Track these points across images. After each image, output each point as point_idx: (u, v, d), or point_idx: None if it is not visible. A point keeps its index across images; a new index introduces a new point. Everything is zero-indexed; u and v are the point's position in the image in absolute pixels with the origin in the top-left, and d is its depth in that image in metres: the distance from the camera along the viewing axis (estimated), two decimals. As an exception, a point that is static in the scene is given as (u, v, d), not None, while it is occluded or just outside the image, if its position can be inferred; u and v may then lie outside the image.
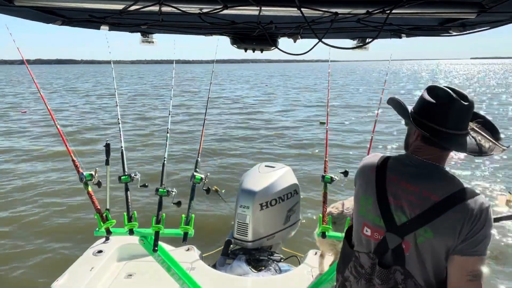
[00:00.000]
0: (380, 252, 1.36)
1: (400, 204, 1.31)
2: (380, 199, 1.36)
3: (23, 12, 1.46)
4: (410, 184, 1.31)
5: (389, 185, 1.36)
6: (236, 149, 10.74)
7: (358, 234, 1.46)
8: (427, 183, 1.28)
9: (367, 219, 1.41)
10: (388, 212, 1.33)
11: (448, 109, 1.29)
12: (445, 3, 1.29)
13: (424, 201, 1.26)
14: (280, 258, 3.25)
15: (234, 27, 1.81)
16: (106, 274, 2.90)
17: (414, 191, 1.29)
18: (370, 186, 1.41)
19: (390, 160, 1.43)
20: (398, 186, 1.33)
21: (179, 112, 17.79)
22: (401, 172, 1.36)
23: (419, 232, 1.26)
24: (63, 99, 25.19)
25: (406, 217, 1.29)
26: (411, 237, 1.28)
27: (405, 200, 1.30)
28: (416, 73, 54.18)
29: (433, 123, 1.30)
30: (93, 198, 2.28)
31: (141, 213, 5.49)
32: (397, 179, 1.35)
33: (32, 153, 10.31)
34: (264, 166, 3.42)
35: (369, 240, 1.40)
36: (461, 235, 1.21)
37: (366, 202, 1.42)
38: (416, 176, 1.31)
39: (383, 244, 1.35)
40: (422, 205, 1.26)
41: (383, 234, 1.34)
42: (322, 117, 14.84)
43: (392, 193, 1.34)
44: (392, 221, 1.32)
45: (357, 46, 2.12)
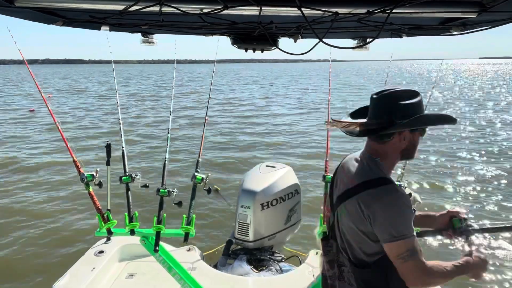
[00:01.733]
0: (328, 228, 1.67)
1: (338, 187, 1.58)
2: (331, 183, 1.67)
3: (24, 12, 1.46)
4: (347, 172, 1.53)
5: (338, 172, 1.63)
6: (237, 149, 10.74)
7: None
8: (353, 171, 1.49)
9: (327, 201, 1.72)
10: (331, 194, 1.63)
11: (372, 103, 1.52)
12: (445, 2, 1.29)
13: (346, 184, 1.48)
14: (281, 258, 3.25)
15: (234, 27, 1.81)
16: (107, 274, 2.90)
17: (345, 176, 1.53)
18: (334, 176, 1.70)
19: (354, 153, 1.63)
20: (341, 173, 1.59)
21: (180, 112, 17.81)
22: (347, 162, 1.58)
23: (339, 210, 1.50)
24: (67, 99, 25.22)
25: (335, 196, 1.56)
26: (336, 214, 1.54)
27: (339, 183, 1.56)
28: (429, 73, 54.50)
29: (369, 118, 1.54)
30: (94, 198, 2.28)
31: (142, 214, 5.49)
32: (343, 167, 1.60)
33: (33, 153, 10.33)
34: (265, 166, 3.42)
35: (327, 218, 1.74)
36: (373, 222, 1.35)
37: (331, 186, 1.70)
38: (353, 166, 1.52)
39: (328, 221, 1.66)
40: (343, 188, 1.49)
41: (330, 211, 1.63)
42: (324, 117, 14.85)
43: (336, 178, 1.62)
44: (332, 201, 1.60)
45: (357, 45, 2.12)
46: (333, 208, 1.56)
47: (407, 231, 1.31)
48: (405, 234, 1.30)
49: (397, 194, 1.35)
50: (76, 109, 20.05)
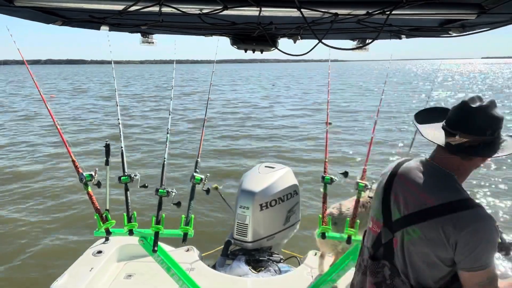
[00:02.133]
0: (376, 246, 1.42)
1: (397, 200, 1.36)
2: (385, 195, 1.42)
3: (23, 12, 1.46)
4: (413, 184, 1.34)
5: (396, 182, 1.41)
6: (236, 150, 10.74)
7: (367, 228, 1.55)
8: (428, 187, 1.30)
9: (372, 214, 1.49)
10: (388, 207, 1.39)
11: (458, 112, 1.32)
12: (445, 4, 1.29)
13: (419, 201, 1.28)
14: (280, 258, 3.25)
15: (234, 28, 1.81)
16: (105, 274, 2.90)
17: (414, 191, 1.32)
18: (382, 183, 1.47)
19: (406, 162, 1.46)
20: (402, 184, 1.38)
21: (181, 112, 17.81)
22: (410, 172, 1.39)
23: (408, 231, 1.29)
24: (69, 100, 25.19)
25: (399, 214, 1.34)
26: (399, 234, 1.32)
27: (403, 197, 1.34)
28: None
29: (447, 126, 1.35)
30: (92, 198, 2.28)
31: (141, 214, 5.49)
32: (404, 177, 1.39)
33: (32, 153, 10.31)
34: (264, 166, 3.42)
35: (370, 233, 1.48)
36: (458, 248, 1.20)
37: (375, 198, 1.49)
38: (421, 178, 1.33)
39: (379, 238, 1.41)
40: (416, 205, 1.29)
41: (381, 228, 1.41)
42: (326, 118, 14.80)
43: (395, 189, 1.39)
44: (389, 216, 1.37)
45: (357, 46, 2.12)
46: (392, 227, 1.35)
47: (492, 259, 1.21)
48: (490, 262, 1.20)
49: (488, 220, 1.20)
50: (77, 110, 20.03)
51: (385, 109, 16.75)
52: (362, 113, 17.07)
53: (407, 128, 13.23)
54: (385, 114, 15.66)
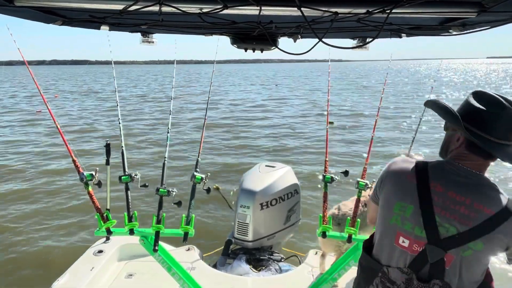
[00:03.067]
0: (418, 266, 1.27)
1: (448, 215, 1.23)
2: (425, 208, 1.26)
3: (23, 12, 1.46)
4: (459, 195, 1.23)
5: (434, 194, 1.26)
6: (236, 149, 10.74)
7: (387, 245, 1.36)
8: (477, 194, 1.22)
9: (402, 229, 1.30)
10: (433, 223, 1.24)
11: (498, 117, 1.24)
12: (445, 2, 1.29)
13: (477, 213, 1.20)
14: (281, 257, 3.25)
15: (234, 27, 1.81)
16: (106, 274, 2.90)
17: (465, 202, 1.22)
18: (409, 193, 1.30)
19: (430, 166, 1.33)
20: (445, 196, 1.25)
21: (182, 112, 17.81)
22: (447, 181, 1.27)
23: (468, 246, 1.21)
24: (71, 101, 25.20)
25: (456, 230, 1.21)
26: (456, 250, 1.22)
27: (455, 212, 1.22)
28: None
29: (481, 130, 1.24)
30: (93, 198, 2.28)
31: (142, 213, 5.49)
32: (443, 188, 1.26)
33: (33, 153, 10.32)
34: (265, 165, 3.42)
35: (405, 252, 1.30)
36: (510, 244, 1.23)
37: (403, 211, 1.30)
38: (464, 186, 1.24)
39: (422, 257, 1.26)
40: (476, 218, 1.20)
41: (423, 246, 1.25)
42: (331, 117, 14.86)
43: (438, 203, 1.25)
44: (435, 233, 1.23)
45: (357, 45, 2.12)
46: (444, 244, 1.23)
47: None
48: None
49: None
50: (79, 110, 20.04)
51: (391, 109, 16.81)
52: (367, 114, 17.08)
53: (407, 128, 13.24)
54: (388, 114, 15.67)
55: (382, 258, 1.37)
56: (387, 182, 1.40)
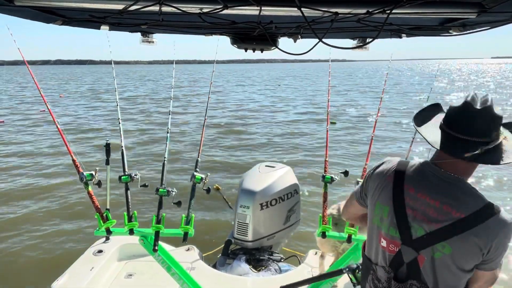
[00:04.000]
0: (396, 266, 1.31)
1: (417, 216, 1.26)
2: (397, 209, 1.29)
3: (23, 12, 1.46)
4: (429, 197, 1.25)
5: (407, 195, 1.29)
6: (236, 149, 10.74)
7: (374, 244, 1.40)
8: (447, 198, 1.22)
9: (381, 230, 1.35)
10: (405, 224, 1.27)
11: (461, 114, 1.25)
12: (445, 3, 1.29)
13: (444, 216, 1.21)
14: (280, 258, 3.25)
15: (234, 27, 1.81)
16: (106, 274, 2.90)
17: (434, 205, 1.23)
18: (386, 194, 1.34)
19: (409, 167, 1.35)
20: (415, 198, 1.27)
21: (183, 111, 17.81)
22: (420, 183, 1.29)
23: (437, 247, 1.22)
24: (73, 101, 25.21)
25: (424, 231, 1.24)
26: (427, 251, 1.24)
27: (423, 213, 1.24)
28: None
29: (450, 129, 1.27)
30: (93, 198, 2.28)
31: (141, 213, 5.48)
32: (414, 190, 1.29)
33: (33, 153, 10.31)
34: (264, 166, 3.42)
35: (385, 252, 1.34)
36: (489, 254, 1.20)
37: (381, 211, 1.35)
38: (435, 189, 1.25)
39: (398, 257, 1.30)
40: (442, 221, 1.21)
41: (399, 246, 1.29)
42: (333, 117, 14.87)
43: (409, 204, 1.28)
44: (408, 234, 1.27)
45: (357, 46, 2.12)
46: (416, 245, 1.26)
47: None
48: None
49: (511, 223, 1.20)
50: (82, 110, 20.05)
51: (394, 109, 16.80)
52: (369, 114, 17.07)
53: (407, 127, 13.24)
54: (389, 114, 15.67)
55: (371, 256, 1.43)
56: (371, 180, 1.44)
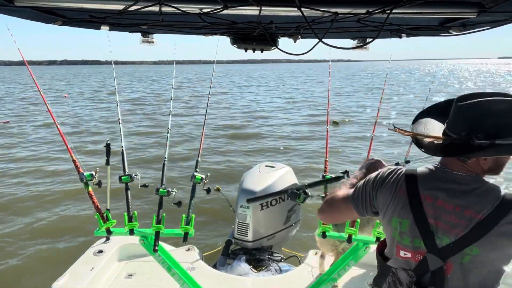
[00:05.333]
0: (420, 272, 1.29)
1: (440, 225, 1.23)
2: (419, 222, 1.27)
3: (23, 12, 1.46)
4: (449, 204, 1.23)
5: (426, 205, 1.26)
6: (236, 149, 10.74)
7: (394, 254, 1.38)
8: (467, 201, 1.20)
9: (402, 243, 1.32)
10: (429, 234, 1.25)
11: (452, 111, 1.25)
12: (445, 3, 1.29)
13: (467, 221, 1.19)
14: (281, 258, 3.25)
15: (234, 27, 1.81)
16: (106, 274, 2.90)
17: (455, 210, 1.21)
18: (403, 208, 1.30)
19: (419, 176, 1.32)
20: (435, 206, 1.25)
21: (184, 112, 17.82)
22: (436, 190, 1.26)
23: (465, 252, 1.20)
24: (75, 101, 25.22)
25: (449, 239, 1.22)
26: (455, 258, 1.22)
27: (446, 222, 1.22)
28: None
29: (446, 128, 1.28)
30: (93, 198, 2.28)
31: (142, 213, 5.48)
32: (432, 198, 1.26)
33: (33, 152, 10.32)
34: (265, 166, 3.42)
35: (409, 261, 1.32)
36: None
37: (400, 225, 1.32)
38: (453, 194, 1.23)
39: (423, 264, 1.27)
40: (466, 226, 1.19)
41: (424, 254, 1.27)
42: (335, 117, 14.88)
43: (430, 214, 1.25)
44: (433, 243, 1.24)
45: (357, 46, 2.12)
46: (442, 253, 1.23)
47: None
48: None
49: None
50: (86, 109, 20.07)
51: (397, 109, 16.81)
52: (370, 114, 17.08)
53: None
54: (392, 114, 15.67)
55: (391, 261, 1.40)
56: (381, 197, 1.39)
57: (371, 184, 1.43)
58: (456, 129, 1.22)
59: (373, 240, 2.24)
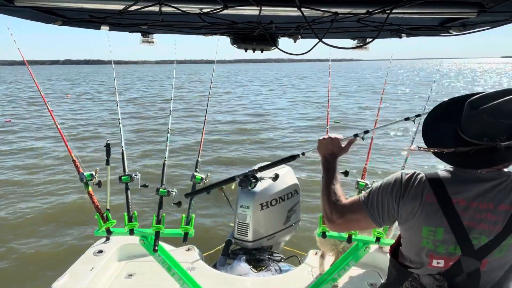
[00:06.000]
0: (451, 275, 1.26)
1: (478, 226, 1.22)
2: (455, 227, 1.23)
3: (23, 12, 1.46)
4: (482, 202, 1.22)
5: (459, 209, 1.23)
6: (236, 149, 10.74)
7: (423, 261, 1.31)
8: (497, 196, 1.21)
9: (436, 251, 1.27)
10: (466, 238, 1.23)
11: (465, 114, 1.25)
12: (445, 3, 1.29)
13: (502, 216, 1.20)
14: (281, 258, 3.25)
15: (234, 27, 1.81)
16: (106, 274, 2.90)
17: (489, 207, 1.21)
18: (434, 216, 1.25)
19: (445, 180, 1.28)
20: (469, 208, 1.22)
21: (185, 112, 17.82)
22: (467, 192, 1.24)
23: (502, 245, 1.21)
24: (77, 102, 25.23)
25: (488, 238, 1.21)
26: (492, 254, 1.22)
27: (482, 221, 1.21)
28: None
29: (464, 134, 1.26)
30: (93, 198, 2.28)
31: (142, 213, 5.49)
32: (464, 201, 1.23)
33: (33, 152, 10.32)
34: (265, 166, 3.41)
35: (439, 269, 1.29)
36: None
37: (433, 235, 1.26)
38: (484, 192, 1.22)
39: (456, 268, 1.25)
40: (502, 221, 1.20)
41: (457, 258, 1.24)
42: (337, 117, 14.90)
43: (465, 217, 1.23)
44: (469, 245, 1.23)
45: (357, 46, 2.12)
46: (478, 254, 1.22)
47: None
48: None
49: None
50: (83, 110, 20.07)
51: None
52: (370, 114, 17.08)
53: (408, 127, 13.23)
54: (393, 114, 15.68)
55: (412, 265, 1.35)
56: (404, 206, 1.31)
57: (389, 194, 1.34)
58: (477, 136, 1.21)
59: (373, 240, 2.25)
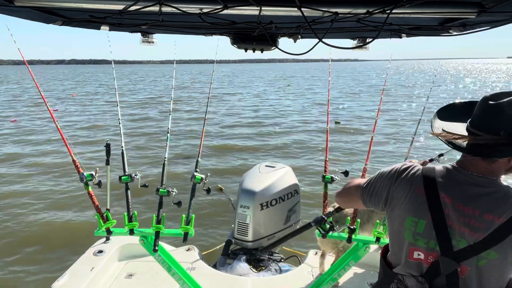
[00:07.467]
0: (431, 276, 1.26)
1: (459, 228, 1.21)
2: (437, 223, 1.24)
3: (23, 12, 1.46)
4: (468, 207, 1.20)
5: (445, 206, 1.23)
6: (236, 149, 10.74)
7: (403, 256, 1.34)
8: (486, 205, 1.19)
9: (415, 244, 1.29)
10: (446, 236, 1.22)
11: (478, 109, 1.23)
12: (445, 3, 1.29)
13: (486, 225, 1.17)
14: (281, 258, 3.25)
15: (234, 27, 1.81)
16: (106, 274, 2.90)
17: (474, 214, 1.19)
18: (419, 207, 1.27)
19: (438, 175, 1.29)
20: (454, 208, 1.22)
21: (185, 112, 17.82)
22: (454, 191, 1.24)
23: (481, 256, 1.18)
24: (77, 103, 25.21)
25: (467, 242, 1.20)
26: (471, 261, 1.20)
27: (465, 224, 1.20)
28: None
29: (471, 127, 1.24)
30: (93, 198, 2.28)
31: (142, 213, 5.48)
32: (451, 199, 1.23)
33: (33, 153, 10.32)
34: (265, 166, 3.42)
35: (420, 264, 1.29)
36: None
37: (415, 226, 1.28)
38: (472, 197, 1.21)
39: (435, 268, 1.25)
40: (485, 229, 1.17)
41: (437, 257, 1.24)
42: (337, 117, 14.90)
43: (448, 215, 1.22)
44: (449, 246, 1.22)
45: (357, 46, 2.12)
46: (457, 256, 1.21)
47: None
48: None
49: None
50: (85, 110, 20.06)
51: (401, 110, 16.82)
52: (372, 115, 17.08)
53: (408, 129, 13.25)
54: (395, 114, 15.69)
55: (399, 267, 1.37)
56: (395, 192, 1.35)
57: (384, 177, 1.40)
58: (491, 129, 1.18)
59: (373, 240, 2.25)
